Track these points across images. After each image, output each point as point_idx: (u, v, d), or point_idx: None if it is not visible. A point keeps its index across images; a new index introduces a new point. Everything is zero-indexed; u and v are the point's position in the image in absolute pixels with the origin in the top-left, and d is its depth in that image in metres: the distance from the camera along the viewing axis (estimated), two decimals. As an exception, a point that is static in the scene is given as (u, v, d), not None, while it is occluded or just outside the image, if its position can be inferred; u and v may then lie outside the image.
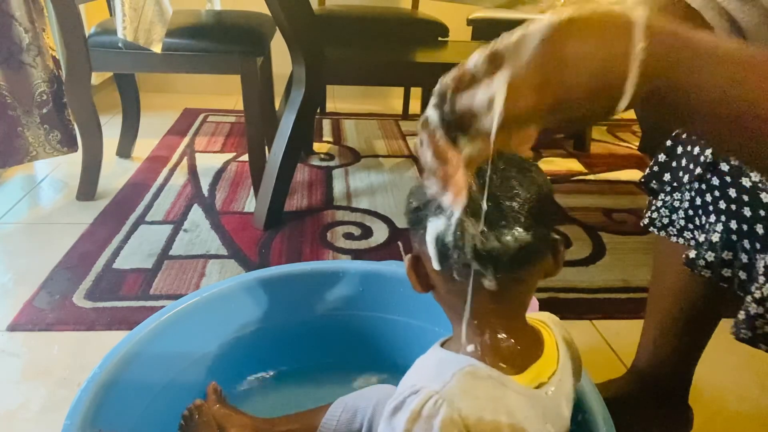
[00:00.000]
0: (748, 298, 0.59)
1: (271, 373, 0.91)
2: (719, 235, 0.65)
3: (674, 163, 0.74)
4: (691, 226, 0.72)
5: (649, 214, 0.78)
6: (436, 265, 0.47)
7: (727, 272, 0.66)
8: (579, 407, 0.65)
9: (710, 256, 0.66)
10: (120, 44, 1.46)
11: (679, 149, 0.73)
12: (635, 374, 0.86)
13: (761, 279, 0.59)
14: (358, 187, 1.78)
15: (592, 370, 0.71)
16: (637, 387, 0.85)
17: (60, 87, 1.48)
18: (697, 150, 0.69)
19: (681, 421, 0.86)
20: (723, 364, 1.03)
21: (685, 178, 0.71)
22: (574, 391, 0.56)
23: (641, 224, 0.80)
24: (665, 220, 0.76)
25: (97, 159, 1.60)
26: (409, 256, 0.52)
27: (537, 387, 0.49)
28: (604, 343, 1.11)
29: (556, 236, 0.50)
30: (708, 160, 0.66)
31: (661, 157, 0.76)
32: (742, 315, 0.60)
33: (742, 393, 1.00)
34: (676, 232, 0.75)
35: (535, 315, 0.56)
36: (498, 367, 0.48)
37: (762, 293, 0.58)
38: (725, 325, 0.78)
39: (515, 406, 0.47)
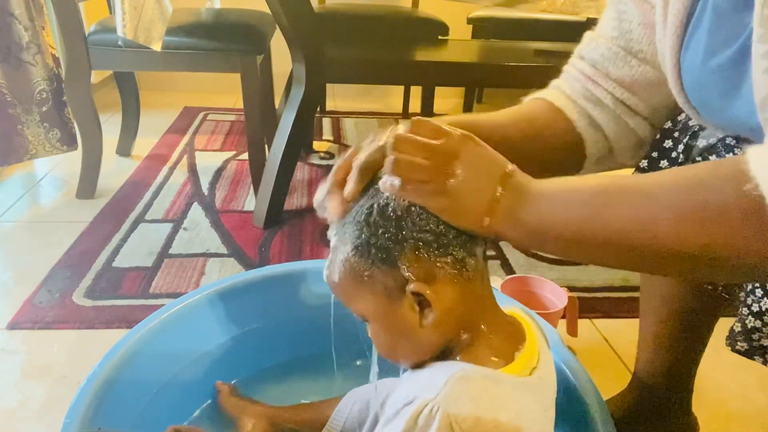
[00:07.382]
0: (745, 311, 0.58)
1: (271, 371, 0.90)
2: None
3: None
4: None
5: None
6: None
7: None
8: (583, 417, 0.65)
9: None
10: (120, 42, 1.46)
11: None
12: (636, 388, 0.85)
13: (759, 292, 0.57)
14: (358, 186, 1.78)
15: (593, 369, 0.71)
16: (638, 402, 0.84)
17: (60, 85, 1.48)
18: None
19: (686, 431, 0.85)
20: (723, 364, 1.02)
21: None
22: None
23: None
24: None
25: (96, 157, 1.60)
26: (416, 288, 0.47)
27: (530, 374, 0.49)
28: (604, 342, 1.11)
29: None
30: None
31: None
32: (738, 327, 0.59)
33: (742, 393, 1.00)
34: None
35: (507, 308, 0.55)
36: (490, 362, 0.48)
37: (760, 307, 0.56)
38: (725, 324, 0.78)
39: (513, 399, 0.46)
